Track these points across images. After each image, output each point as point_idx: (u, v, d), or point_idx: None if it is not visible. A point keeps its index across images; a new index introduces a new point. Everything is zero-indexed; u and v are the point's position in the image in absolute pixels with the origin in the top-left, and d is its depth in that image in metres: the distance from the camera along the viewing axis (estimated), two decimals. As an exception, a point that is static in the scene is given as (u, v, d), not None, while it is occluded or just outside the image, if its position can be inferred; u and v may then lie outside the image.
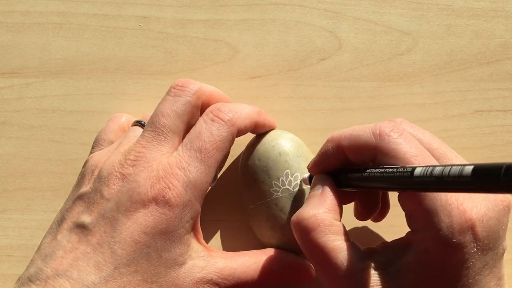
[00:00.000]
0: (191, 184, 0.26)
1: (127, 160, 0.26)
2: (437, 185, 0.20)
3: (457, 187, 0.19)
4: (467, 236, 0.22)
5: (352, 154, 0.26)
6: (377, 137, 0.24)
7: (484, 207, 0.23)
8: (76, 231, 0.25)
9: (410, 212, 0.24)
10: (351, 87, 0.34)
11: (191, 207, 0.26)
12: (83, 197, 0.27)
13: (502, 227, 0.24)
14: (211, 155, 0.26)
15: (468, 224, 0.22)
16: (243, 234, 0.32)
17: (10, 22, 0.35)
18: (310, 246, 0.24)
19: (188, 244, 0.26)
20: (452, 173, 0.19)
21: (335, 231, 0.24)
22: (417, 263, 0.23)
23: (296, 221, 0.25)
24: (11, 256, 0.33)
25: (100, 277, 0.24)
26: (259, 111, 0.30)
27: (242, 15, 0.34)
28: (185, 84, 0.28)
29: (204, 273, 0.26)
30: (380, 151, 0.24)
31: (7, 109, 0.34)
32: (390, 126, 0.24)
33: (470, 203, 0.23)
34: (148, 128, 0.27)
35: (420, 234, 0.23)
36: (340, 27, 0.34)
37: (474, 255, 0.22)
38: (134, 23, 0.34)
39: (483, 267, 0.23)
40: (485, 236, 0.22)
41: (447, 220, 0.22)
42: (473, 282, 0.22)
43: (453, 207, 0.22)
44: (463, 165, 0.18)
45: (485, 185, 0.17)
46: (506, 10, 0.34)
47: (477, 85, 0.34)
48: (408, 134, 0.24)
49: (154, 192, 0.25)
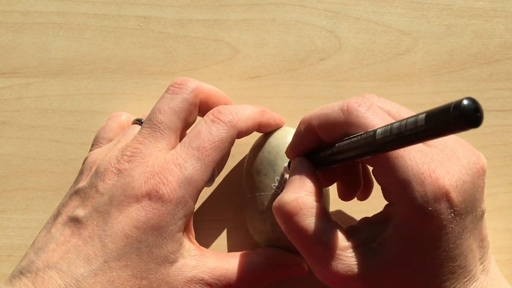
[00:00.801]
0: (186, 181, 0.26)
1: (123, 156, 0.26)
2: (398, 142, 0.20)
3: (416, 137, 0.19)
4: (442, 203, 0.22)
5: (324, 133, 0.26)
6: (345, 113, 0.24)
7: (457, 172, 0.23)
8: (70, 225, 0.26)
9: (384, 185, 0.24)
10: (351, 87, 0.34)
11: (184, 204, 0.26)
12: (79, 192, 0.27)
13: (478, 189, 0.24)
14: (208, 153, 0.26)
15: (442, 192, 0.22)
16: (243, 234, 0.32)
17: (10, 22, 0.35)
18: (294, 230, 0.25)
19: (180, 243, 0.26)
20: (409, 125, 0.19)
21: (317, 213, 0.24)
22: (398, 235, 0.23)
23: (278, 206, 0.25)
24: (11, 256, 0.33)
25: (89, 270, 0.24)
26: (262, 111, 0.30)
27: (242, 15, 0.34)
28: (183, 82, 0.28)
29: (195, 272, 0.26)
30: (349, 126, 0.24)
31: (7, 109, 0.34)
32: (358, 101, 0.25)
33: (443, 170, 0.23)
34: (146, 125, 0.27)
35: (397, 206, 0.23)
36: (340, 27, 0.34)
37: (452, 221, 0.22)
38: (134, 23, 0.34)
39: (463, 231, 0.23)
40: (461, 201, 0.22)
41: (420, 189, 0.22)
42: (454, 247, 0.23)
43: (426, 175, 0.22)
44: (416, 115, 0.19)
45: (439, 127, 0.18)
46: (506, 10, 0.34)
47: (477, 85, 0.34)
48: (376, 107, 0.25)
49: (148, 187, 0.25)
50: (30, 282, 0.24)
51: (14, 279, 0.25)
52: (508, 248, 0.33)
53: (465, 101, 0.16)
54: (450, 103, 0.17)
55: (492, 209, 0.33)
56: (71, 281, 0.24)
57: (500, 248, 0.33)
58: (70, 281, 0.24)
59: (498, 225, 0.33)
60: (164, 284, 0.25)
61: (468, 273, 0.23)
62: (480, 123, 0.17)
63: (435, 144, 0.24)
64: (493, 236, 0.33)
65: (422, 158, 0.23)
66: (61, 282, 0.24)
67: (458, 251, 0.23)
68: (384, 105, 0.26)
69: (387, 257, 0.23)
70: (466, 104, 0.16)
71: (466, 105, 0.16)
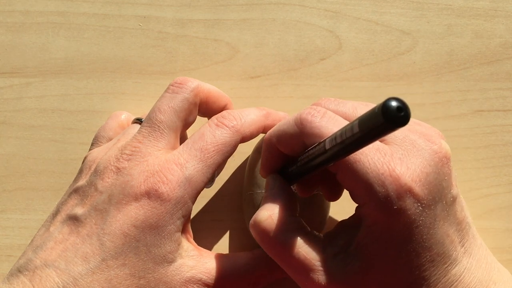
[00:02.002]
0: (186, 181, 0.26)
1: (123, 155, 0.26)
2: (345, 149, 0.20)
3: (357, 144, 0.19)
4: (407, 199, 0.22)
5: (285, 148, 0.26)
6: (300, 126, 0.24)
7: (418, 166, 0.23)
8: (68, 223, 0.26)
9: (349, 188, 0.24)
10: (351, 87, 0.34)
11: (183, 204, 0.26)
12: (78, 190, 0.27)
13: (445, 178, 0.23)
14: (211, 155, 0.26)
15: (404, 189, 0.22)
16: (243, 234, 0.32)
17: (10, 21, 0.35)
18: (271, 246, 0.25)
19: (179, 243, 0.26)
20: (348, 133, 0.19)
21: (293, 227, 0.25)
22: (370, 236, 0.23)
23: (253, 224, 0.25)
24: (11, 256, 0.33)
25: (87, 268, 0.24)
26: (267, 114, 0.29)
27: (242, 15, 0.34)
28: (183, 82, 0.28)
29: (193, 273, 0.26)
30: (306, 138, 0.24)
31: (7, 109, 0.34)
32: (311, 111, 0.24)
33: (403, 166, 0.22)
34: (145, 124, 0.27)
35: (365, 208, 0.23)
36: (340, 26, 0.34)
37: (421, 213, 0.22)
38: (134, 22, 0.34)
39: (434, 220, 0.23)
40: (426, 193, 0.22)
41: (382, 190, 0.22)
42: (428, 237, 0.23)
43: (386, 175, 0.22)
44: (352, 123, 0.18)
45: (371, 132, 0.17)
46: (506, 9, 0.34)
47: (477, 85, 0.34)
48: (329, 113, 0.24)
49: (147, 186, 0.25)
50: (28, 280, 0.24)
51: (12, 277, 0.25)
52: (508, 248, 0.33)
53: (387, 102, 0.16)
54: (375, 106, 0.17)
55: (492, 209, 0.33)
56: (69, 279, 0.24)
57: (500, 248, 0.33)
58: (67, 279, 0.24)
59: (498, 225, 0.33)
60: (162, 283, 0.25)
61: (447, 258, 0.23)
62: (407, 121, 0.16)
63: (393, 140, 0.24)
64: (493, 236, 0.33)
65: (381, 158, 0.23)
66: (58, 280, 0.24)
67: (433, 240, 0.23)
68: (340, 108, 0.26)
69: (365, 259, 0.23)
70: (388, 106, 0.16)
71: (388, 107, 0.16)
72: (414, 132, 0.24)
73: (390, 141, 0.24)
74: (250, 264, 0.28)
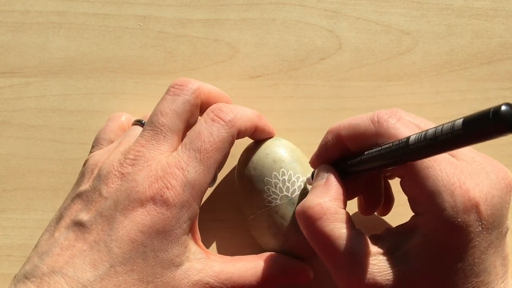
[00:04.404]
0: (189, 184, 0.26)
1: (126, 159, 0.26)
2: (432, 147, 0.20)
3: (452, 143, 0.19)
4: (472, 215, 0.22)
5: (352, 143, 0.26)
6: (376, 124, 0.24)
7: (486, 185, 0.23)
8: (74, 229, 0.25)
9: (413, 196, 0.24)
10: (351, 87, 0.34)
11: (189, 207, 0.26)
12: (82, 195, 0.27)
13: (506, 205, 0.23)
14: (210, 155, 0.26)
15: (472, 203, 0.22)
16: (243, 234, 0.32)
17: (9, 21, 0.34)
18: (316, 234, 0.24)
19: (186, 246, 0.26)
20: (445, 130, 0.19)
21: (341, 219, 0.24)
22: (424, 245, 0.23)
23: (301, 210, 0.25)
24: (10, 256, 0.33)
25: (96, 275, 0.24)
26: (260, 116, 0.30)
27: (242, 15, 0.34)
28: (184, 83, 0.28)
29: (201, 276, 0.26)
30: (380, 137, 0.24)
31: (7, 109, 0.34)
32: (388, 112, 0.25)
33: (473, 182, 0.23)
34: (147, 127, 0.27)
35: (424, 217, 0.23)
36: (340, 26, 0.34)
37: (479, 234, 0.22)
38: (134, 22, 0.34)
39: (488, 246, 0.23)
40: (489, 214, 0.22)
41: (450, 200, 0.22)
42: (479, 262, 0.22)
43: (456, 186, 0.22)
44: (453, 121, 0.19)
45: (477, 133, 0.18)
46: (506, 9, 0.34)
47: (477, 84, 0.34)
48: (405, 119, 0.25)
49: (152, 192, 0.25)
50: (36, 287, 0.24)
51: (19, 284, 0.24)
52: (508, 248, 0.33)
53: (503, 107, 0.17)
54: (487, 109, 0.17)
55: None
56: (78, 286, 0.24)
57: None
58: (76, 286, 0.24)
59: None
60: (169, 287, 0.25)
61: None
62: None
63: (463, 157, 0.24)
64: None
65: (452, 169, 0.23)
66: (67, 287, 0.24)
67: (482, 266, 0.23)
68: (412, 119, 0.26)
69: (412, 266, 0.23)
70: (505, 110, 0.17)
71: (504, 111, 0.17)
72: (481, 156, 0.25)
73: (460, 157, 0.24)
74: (258, 268, 0.28)
